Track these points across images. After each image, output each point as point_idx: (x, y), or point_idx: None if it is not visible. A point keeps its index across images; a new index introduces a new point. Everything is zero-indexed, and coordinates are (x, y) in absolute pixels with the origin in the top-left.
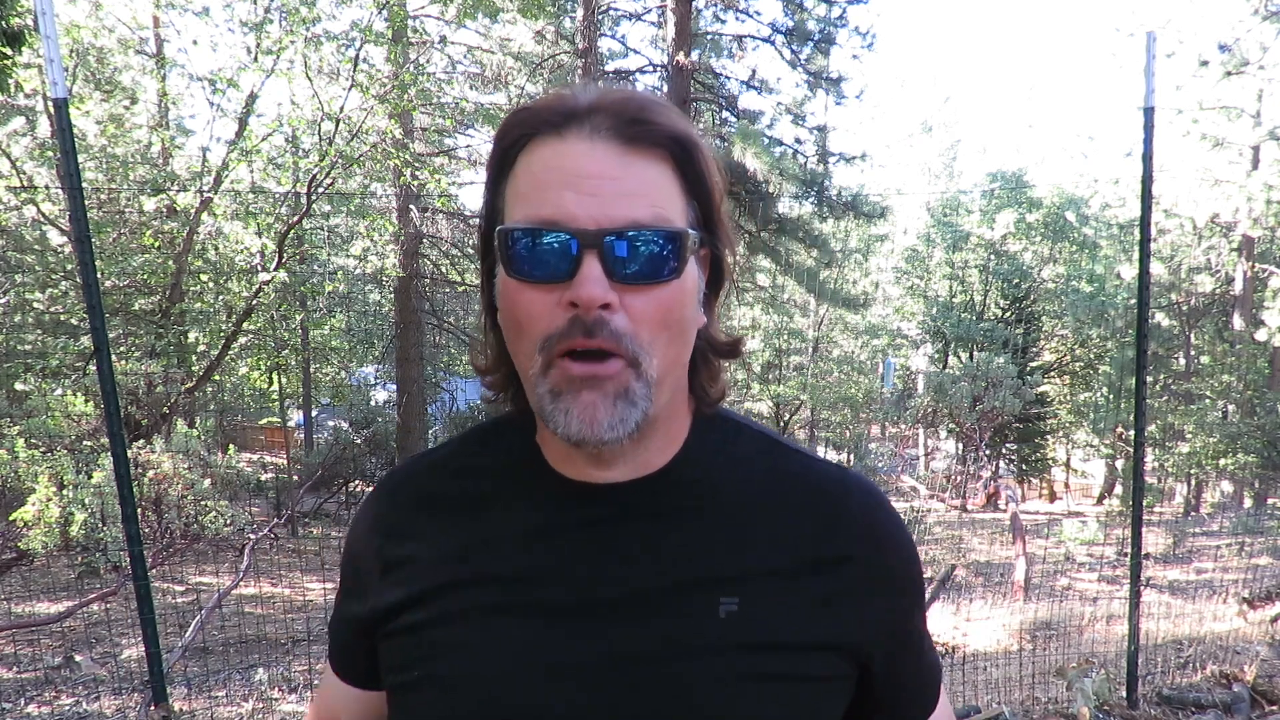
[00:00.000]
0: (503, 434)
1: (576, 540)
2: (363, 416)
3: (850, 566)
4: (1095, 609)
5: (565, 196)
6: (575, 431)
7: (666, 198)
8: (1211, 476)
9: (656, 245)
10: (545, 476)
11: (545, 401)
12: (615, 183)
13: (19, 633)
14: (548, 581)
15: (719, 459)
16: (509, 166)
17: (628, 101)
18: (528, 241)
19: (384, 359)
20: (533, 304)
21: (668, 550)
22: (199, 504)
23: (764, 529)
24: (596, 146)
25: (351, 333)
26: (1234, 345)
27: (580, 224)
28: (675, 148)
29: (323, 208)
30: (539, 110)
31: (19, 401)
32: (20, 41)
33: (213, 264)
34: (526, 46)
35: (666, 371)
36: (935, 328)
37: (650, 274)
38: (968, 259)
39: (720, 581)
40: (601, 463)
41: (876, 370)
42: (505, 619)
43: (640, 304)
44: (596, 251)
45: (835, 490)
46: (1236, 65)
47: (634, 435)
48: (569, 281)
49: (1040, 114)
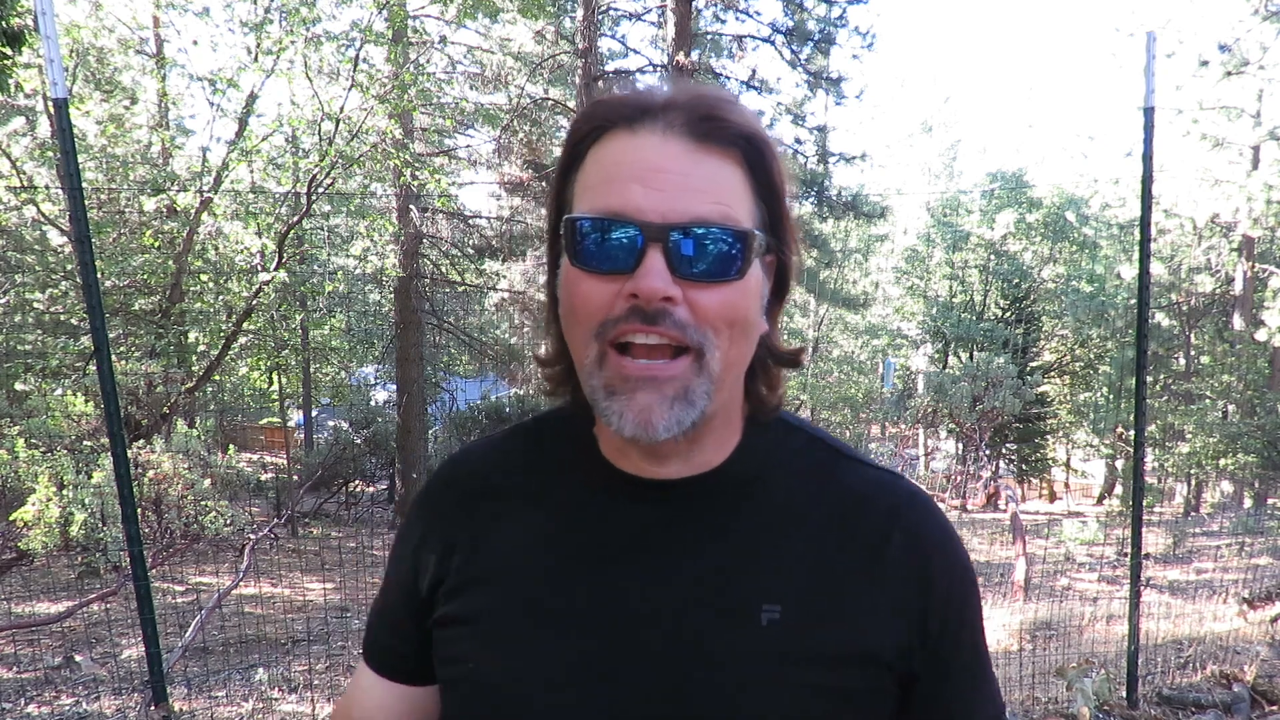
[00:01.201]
0: (562, 425)
1: (624, 537)
2: (363, 416)
3: (897, 579)
4: (1095, 609)
5: (633, 189)
6: (630, 431)
7: (735, 197)
8: (1211, 476)
9: (722, 243)
10: (600, 470)
11: (599, 396)
12: (684, 178)
13: (19, 633)
14: (592, 580)
15: (771, 462)
16: (580, 158)
17: (702, 98)
18: (593, 232)
19: (384, 359)
20: (593, 292)
21: (713, 552)
22: (199, 504)
23: (812, 535)
24: (668, 142)
25: (351, 333)
26: (1234, 345)
27: (646, 217)
28: (747, 147)
29: (323, 208)
30: (614, 104)
31: (19, 401)
32: (20, 41)
33: (213, 264)
34: (526, 46)
35: (728, 369)
36: (935, 328)
37: (713, 271)
38: (968, 259)
39: (764, 588)
40: (656, 458)
41: (876, 370)
42: (554, 615)
43: (703, 300)
44: (660, 245)
45: (886, 500)
46: (1236, 65)
47: (689, 434)
48: (631, 273)
49: (1040, 114)
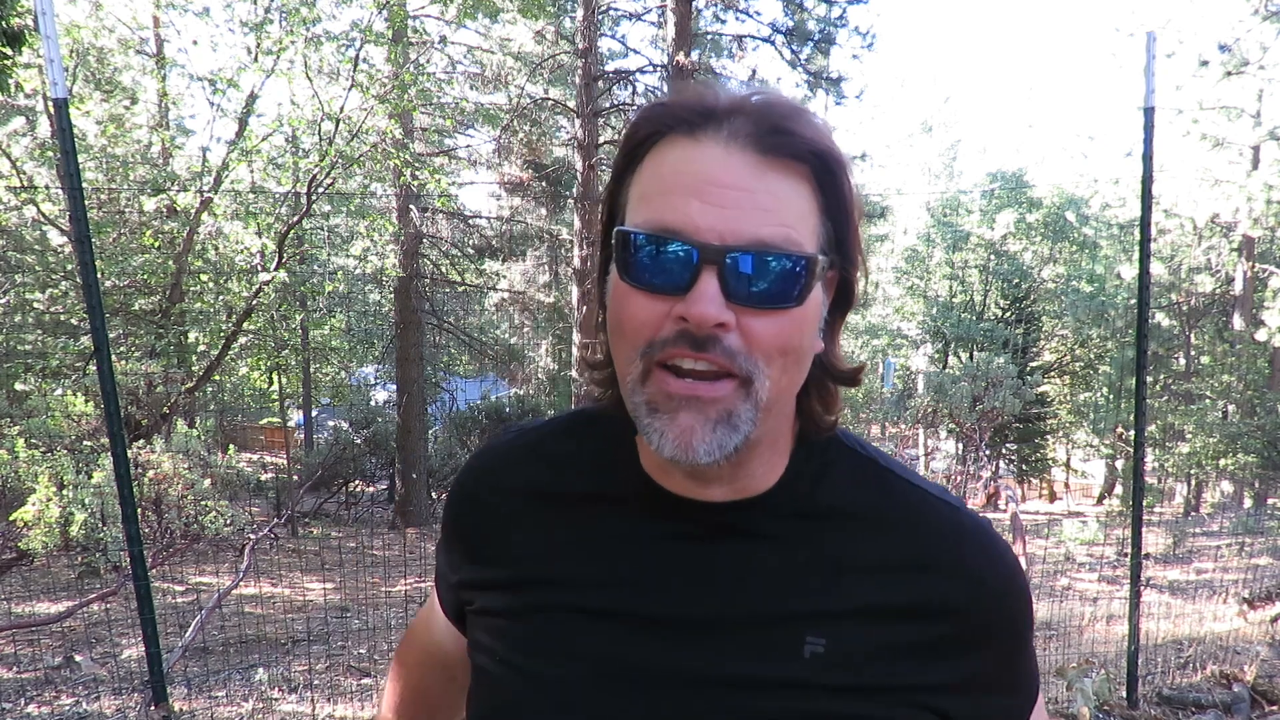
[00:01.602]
0: (605, 428)
1: (665, 555)
2: (363, 416)
3: (952, 618)
4: (1095, 609)
5: (691, 204)
6: (669, 453)
7: (799, 217)
8: (1211, 476)
9: (781, 269)
10: (641, 484)
11: (641, 413)
12: (747, 195)
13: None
14: (631, 592)
15: (821, 486)
16: (637, 162)
17: (771, 107)
18: (646, 247)
19: (384, 359)
20: (641, 310)
21: (757, 578)
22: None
23: (862, 565)
24: (732, 153)
25: (351, 333)
26: (1234, 345)
27: (703, 236)
28: (817, 163)
29: (323, 208)
30: (675, 107)
31: (19, 401)
32: (20, 41)
33: (213, 264)
34: (526, 46)
35: (777, 398)
36: (935, 328)
37: (771, 298)
38: (968, 259)
39: (809, 617)
40: (700, 480)
41: (876, 370)
42: (585, 623)
43: (757, 327)
44: (716, 268)
45: (946, 530)
46: (1236, 65)
47: (732, 459)
48: (683, 296)
49: (1040, 114)
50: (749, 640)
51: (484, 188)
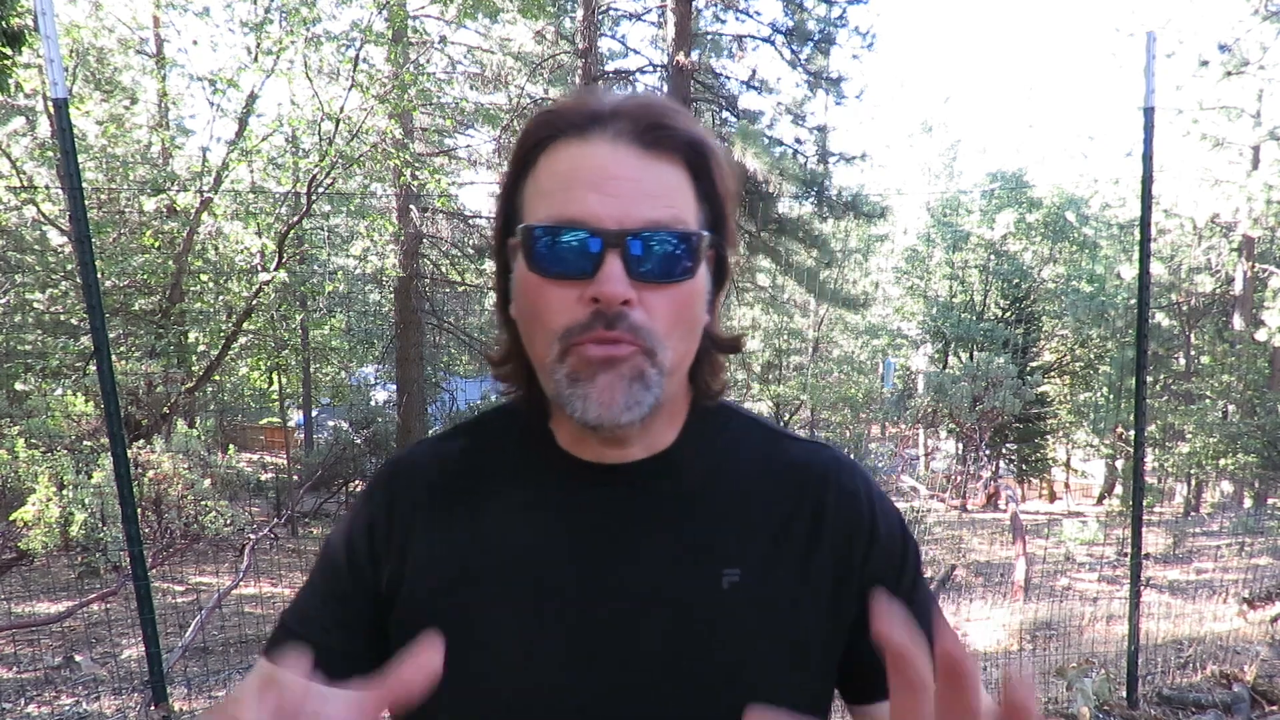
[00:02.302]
0: (513, 421)
1: (592, 523)
2: (363, 416)
3: (825, 520)
4: (1095, 609)
5: (589, 197)
6: (594, 415)
7: (682, 200)
8: (1211, 476)
9: (674, 246)
10: (559, 459)
11: (563, 387)
12: (636, 184)
13: (19, 633)
14: (563, 563)
15: (716, 442)
16: (530, 166)
17: (648, 108)
18: (551, 239)
19: (384, 359)
20: (554, 299)
21: (676, 529)
22: (199, 504)
23: (757, 501)
24: (619, 149)
25: (351, 333)
26: (1234, 345)
27: (603, 223)
28: (691, 153)
29: (323, 208)
30: (563, 112)
31: (19, 401)
32: (20, 41)
33: (213, 264)
34: (526, 46)
35: (678, 365)
36: (935, 328)
37: (667, 273)
38: (968, 259)
39: (724, 555)
40: (614, 443)
41: (876, 370)
42: (521, 603)
43: (657, 301)
44: (618, 250)
45: (813, 459)
46: (1236, 65)
47: (647, 420)
48: (591, 278)
49: (1040, 114)
50: (678, 582)
51: (484, 188)
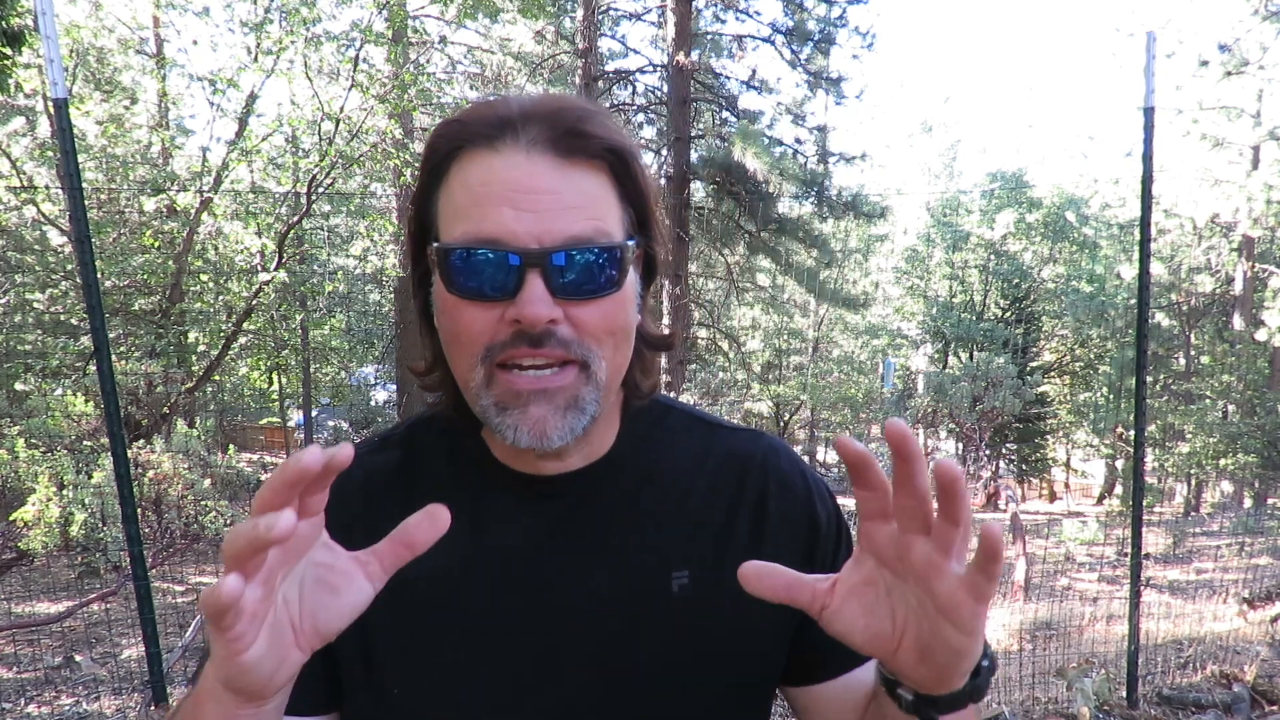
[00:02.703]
0: (444, 432)
1: (533, 535)
2: (363, 416)
3: (766, 508)
4: (1095, 609)
5: (504, 213)
6: (525, 443)
7: (604, 209)
8: (1211, 476)
9: (597, 260)
10: (495, 472)
11: (491, 414)
12: (554, 197)
13: (19, 633)
14: (510, 582)
15: (653, 441)
16: (441, 177)
17: (562, 112)
18: (468, 260)
19: (384, 359)
20: (474, 320)
21: (620, 535)
22: (199, 504)
23: (699, 499)
24: (533, 159)
25: (351, 333)
26: (1234, 345)
27: (521, 241)
28: (613, 159)
29: (323, 208)
30: (470, 121)
31: (19, 401)
32: (20, 41)
33: (213, 264)
34: (526, 46)
35: (614, 375)
36: (935, 328)
37: (593, 288)
38: (968, 259)
39: (671, 558)
40: (551, 456)
41: (876, 370)
42: (473, 625)
43: (584, 315)
44: (539, 269)
45: (749, 449)
46: (1236, 65)
47: (581, 435)
48: (512, 299)
49: (1040, 114)
50: (626, 590)
51: None
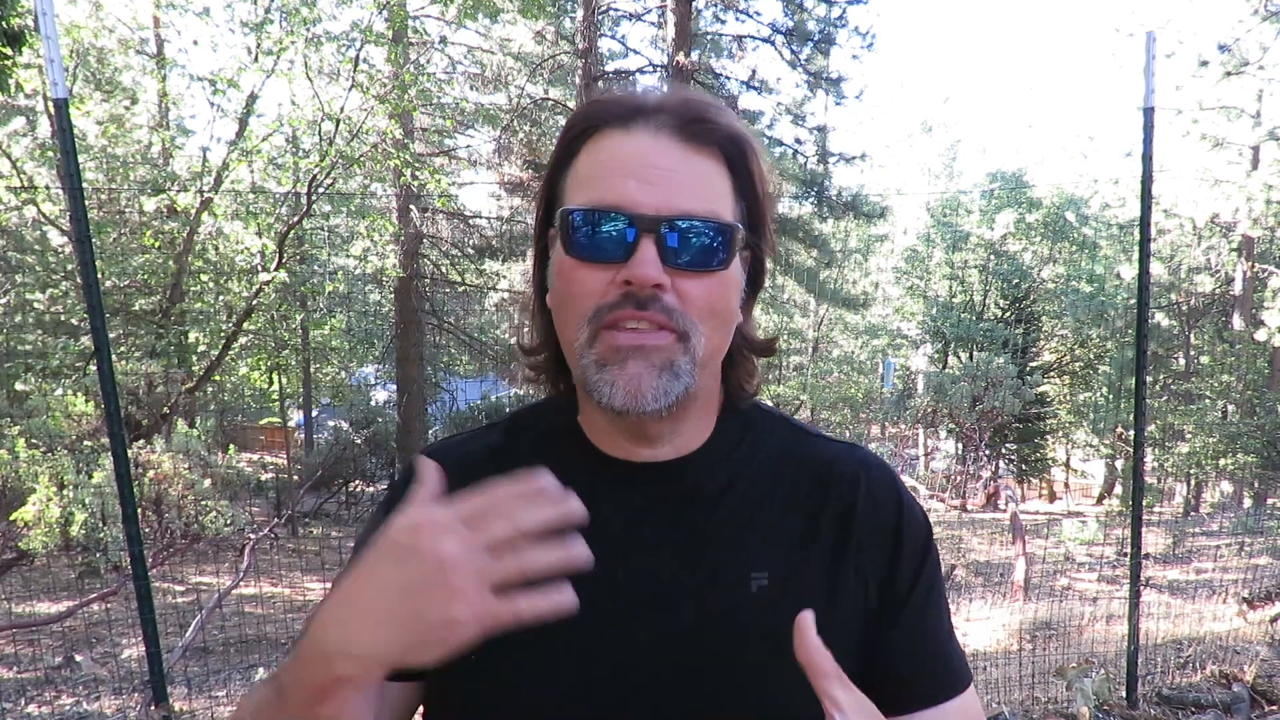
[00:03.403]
0: (544, 418)
1: (617, 519)
2: (363, 416)
3: (853, 520)
4: (1095, 609)
5: (628, 184)
6: (620, 402)
7: (719, 194)
8: (1211, 476)
9: (708, 236)
10: (587, 454)
11: (590, 371)
12: (674, 175)
13: (19, 633)
14: (599, 562)
15: (745, 443)
16: (573, 155)
17: (690, 102)
18: (589, 223)
19: (384, 359)
20: (588, 280)
21: (703, 530)
22: (199, 504)
23: (783, 503)
24: (659, 140)
25: (351, 333)
26: (1234, 345)
27: (640, 209)
28: (731, 148)
29: (323, 208)
30: (609, 104)
31: (19, 401)
32: (20, 42)
33: (213, 264)
34: (526, 47)
35: (710, 355)
36: (935, 328)
37: (701, 262)
38: (967, 259)
39: (752, 558)
40: (644, 440)
41: (876, 370)
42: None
43: (690, 288)
44: (653, 236)
45: (842, 459)
46: (1236, 65)
47: (674, 409)
48: (624, 262)
49: (1040, 114)
50: (703, 590)
51: (484, 188)
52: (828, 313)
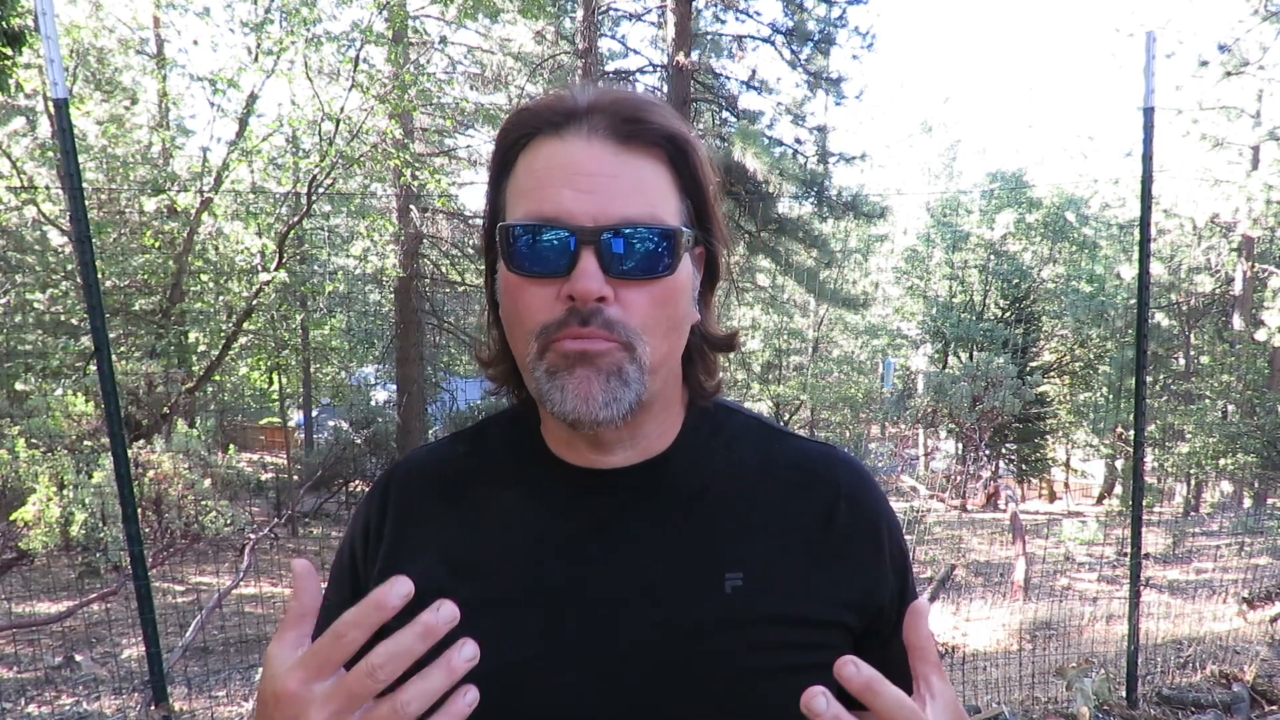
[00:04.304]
0: (505, 426)
1: (583, 526)
2: (363, 416)
3: (849, 546)
4: (1095, 609)
5: (563, 194)
6: (571, 409)
7: (661, 195)
8: (1211, 476)
9: (651, 242)
10: (549, 464)
11: (542, 382)
12: (612, 180)
13: (19, 633)
14: (556, 570)
15: (714, 444)
16: (510, 165)
17: (624, 101)
18: (527, 238)
19: (384, 359)
20: (532, 297)
21: (672, 533)
22: (199, 504)
23: (763, 508)
24: (594, 145)
25: (351, 333)
26: (1234, 345)
27: (578, 220)
28: (670, 147)
29: (323, 208)
30: (538, 110)
31: (19, 401)
32: (21, 41)
33: (213, 264)
34: (526, 47)
35: (660, 362)
36: (935, 328)
37: (645, 269)
38: (967, 259)
39: (725, 559)
40: (603, 448)
41: (876, 370)
42: (516, 609)
43: (634, 298)
44: (593, 247)
45: (821, 460)
46: (1236, 65)
47: (628, 418)
48: (567, 276)
49: (1040, 114)
50: (675, 593)
51: (484, 188)
52: (827, 313)
